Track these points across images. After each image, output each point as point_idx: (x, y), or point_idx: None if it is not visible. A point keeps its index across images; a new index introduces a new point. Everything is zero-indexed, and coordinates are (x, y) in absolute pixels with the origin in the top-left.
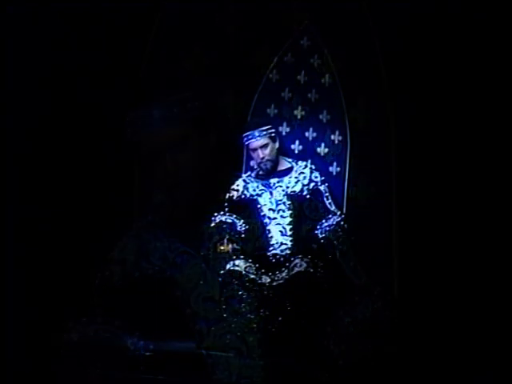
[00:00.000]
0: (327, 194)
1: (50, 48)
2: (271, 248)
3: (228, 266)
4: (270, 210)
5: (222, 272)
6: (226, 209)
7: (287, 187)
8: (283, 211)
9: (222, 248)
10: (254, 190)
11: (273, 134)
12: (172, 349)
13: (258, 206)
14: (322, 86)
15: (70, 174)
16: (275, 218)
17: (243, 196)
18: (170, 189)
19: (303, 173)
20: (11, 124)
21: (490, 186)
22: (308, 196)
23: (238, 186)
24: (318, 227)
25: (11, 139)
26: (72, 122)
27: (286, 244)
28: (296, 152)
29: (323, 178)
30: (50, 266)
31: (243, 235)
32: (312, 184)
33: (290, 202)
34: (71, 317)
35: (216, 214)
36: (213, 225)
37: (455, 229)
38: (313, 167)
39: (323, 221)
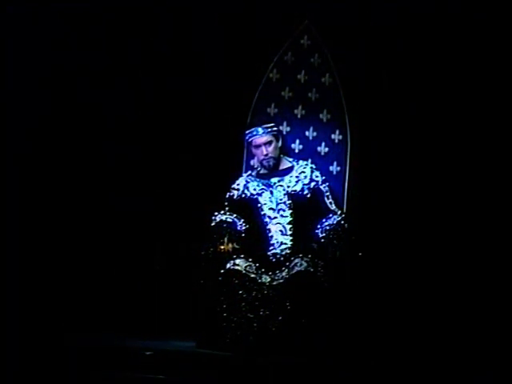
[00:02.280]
0: (328, 194)
1: (50, 48)
2: (271, 247)
3: (228, 266)
4: (270, 209)
5: (222, 271)
6: (227, 208)
7: (288, 186)
8: (283, 210)
9: (222, 247)
10: (255, 189)
11: (276, 133)
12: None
13: (259, 205)
14: (322, 86)
15: (69, 174)
16: (275, 218)
17: (243, 195)
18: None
19: (304, 172)
20: (11, 124)
21: (489, 185)
22: (308, 195)
23: (238, 185)
24: (319, 226)
25: (11, 139)
26: (72, 121)
27: (286, 243)
28: (296, 151)
29: (324, 178)
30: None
31: (243, 234)
32: (313, 183)
33: (290, 202)
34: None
35: (216, 213)
36: (213, 224)
37: (457, 227)
38: (313, 166)
39: (323, 220)
